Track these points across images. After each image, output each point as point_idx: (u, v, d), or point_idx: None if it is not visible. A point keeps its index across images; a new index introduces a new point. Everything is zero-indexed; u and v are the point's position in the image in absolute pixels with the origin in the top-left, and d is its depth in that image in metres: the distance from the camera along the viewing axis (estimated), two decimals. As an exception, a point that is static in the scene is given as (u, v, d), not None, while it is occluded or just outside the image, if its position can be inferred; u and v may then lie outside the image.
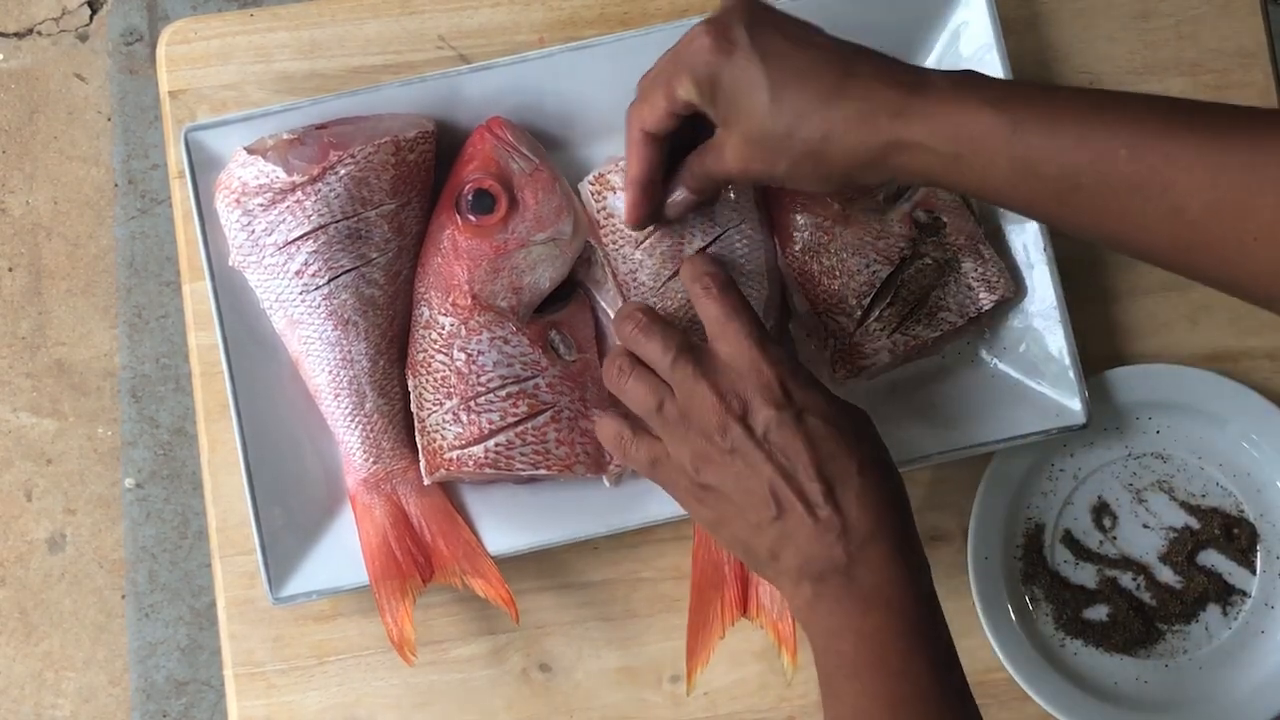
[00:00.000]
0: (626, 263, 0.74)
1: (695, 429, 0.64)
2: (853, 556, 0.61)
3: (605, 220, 0.75)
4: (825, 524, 0.61)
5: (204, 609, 1.47)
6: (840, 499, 0.62)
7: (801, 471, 0.62)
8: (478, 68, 0.75)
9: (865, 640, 0.60)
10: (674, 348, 0.66)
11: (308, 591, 0.74)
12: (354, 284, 0.73)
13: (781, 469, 0.62)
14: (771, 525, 0.62)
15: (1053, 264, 0.76)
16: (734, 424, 0.63)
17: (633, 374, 0.67)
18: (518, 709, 0.79)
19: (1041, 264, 0.76)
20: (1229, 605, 0.79)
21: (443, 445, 0.73)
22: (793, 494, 0.62)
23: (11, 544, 1.53)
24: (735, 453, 0.63)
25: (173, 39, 0.81)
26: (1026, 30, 0.82)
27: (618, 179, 0.74)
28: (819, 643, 0.62)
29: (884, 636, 0.60)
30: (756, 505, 0.63)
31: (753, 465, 0.63)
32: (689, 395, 0.65)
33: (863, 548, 0.61)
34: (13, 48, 1.61)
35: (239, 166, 0.73)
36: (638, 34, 0.76)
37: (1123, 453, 0.80)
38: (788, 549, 0.62)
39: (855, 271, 0.74)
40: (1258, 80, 0.83)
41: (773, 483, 0.62)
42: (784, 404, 0.63)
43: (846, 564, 0.61)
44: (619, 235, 0.74)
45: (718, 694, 0.79)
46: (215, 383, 0.78)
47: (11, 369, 1.55)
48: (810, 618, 0.62)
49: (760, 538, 0.63)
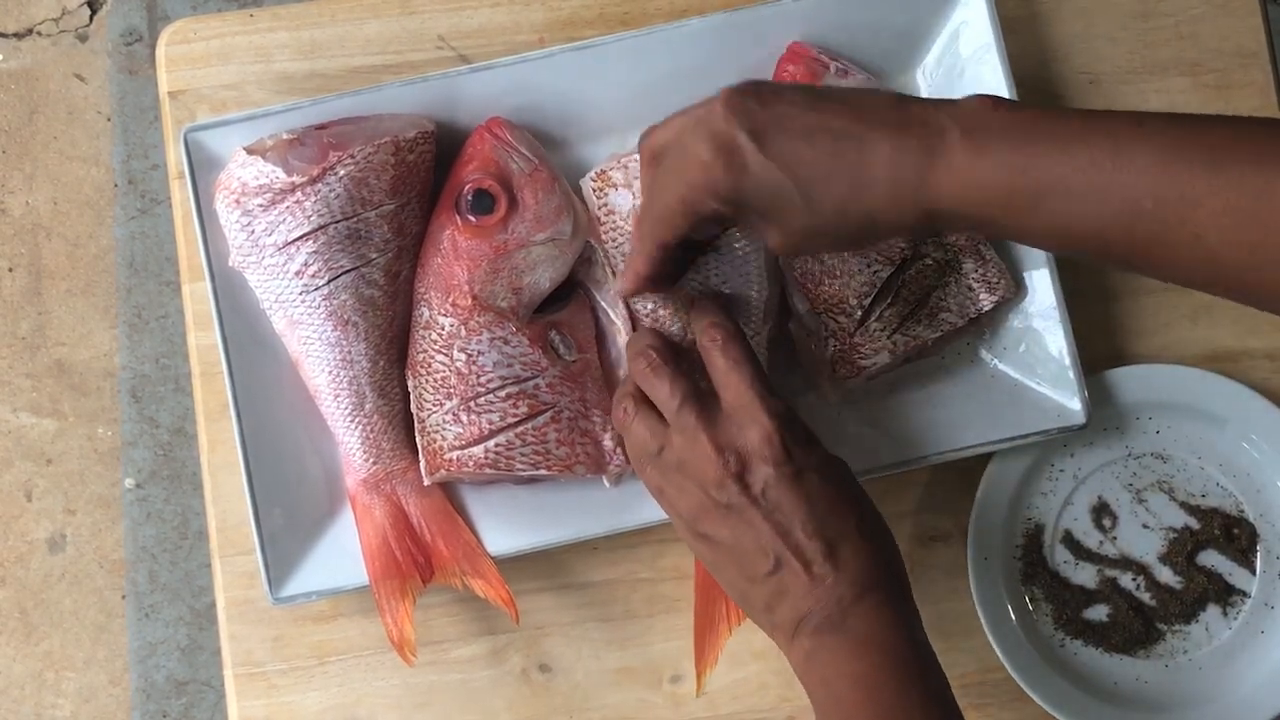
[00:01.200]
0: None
1: (693, 479, 0.65)
2: (846, 610, 0.62)
3: (606, 217, 0.75)
4: (820, 581, 0.62)
5: (204, 609, 1.47)
6: (837, 556, 0.62)
7: (799, 529, 0.62)
8: (478, 68, 0.75)
9: (859, 683, 0.61)
10: (679, 394, 0.66)
11: (308, 592, 0.74)
12: (354, 284, 0.73)
13: (778, 526, 0.63)
14: (767, 580, 0.63)
15: (1053, 264, 0.76)
16: (731, 481, 0.63)
17: (637, 416, 0.68)
18: (518, 709, 0.79)
19: (1041, 264, 0.76)
20: (1229, 605, 0.79)
21: (443, 446, 0.73)
22: (789, 551, 0.62)
23: (11, 544, 1.53)
24: (731, 509, 0.63)
25: (172, 39, 0.81)
26: (1026, 30, 0.82)
27: (619, 175, 0.74)
28: (817, 692, 0.62)
29: (877, 677, 0.61)
30: (752, 560, 0.63)
31: (749, 522, 0.63)
32: (689, 445, 0.65)
33: (856, 602, 0.62)
34: (13, 48, 1.61)
35: (239, 167, 0.73)
36: (638, 34, 0.76)
37: (1123, 453, 0.80)
38: (783, 604, 0.63)
39: (856, 272, 0.74)
40: (1257, 80, 0.83)
41: (769, 540, 0.63)
42: (782, 461, 0.63)
43: (840, 617, 0.62)
44: (619, 233, 0.74)
45: (718, 694, 0.79)
46: (215, 383, 0.78)
47: (11, 369, 1.55)
48: (807, 669, 0.63)
49: (756, 590, 0.64)
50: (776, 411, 0.65)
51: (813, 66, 0.75)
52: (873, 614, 0.62)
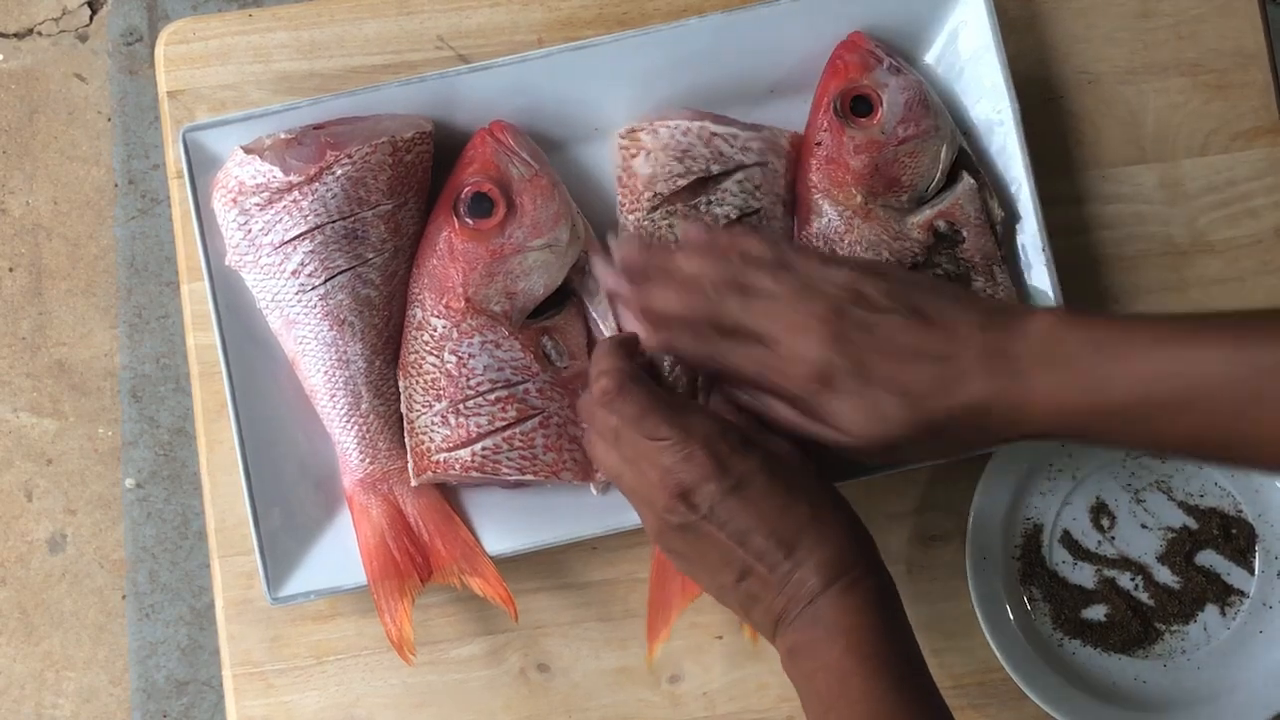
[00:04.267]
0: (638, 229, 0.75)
1: (645, 504, 0.65)
2: (815, 600, 0.62)
3: (627, 179, 0.75)
4: (786, 579, 0.62)
5: (204, 609, 1.47)
6: (798, 551, 0.62)
7: (755, 535, 0.62)
8: (476, 68, 0.75)
9: (832, 673, 0.61)
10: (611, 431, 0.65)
11: (306, 592, 0.74)
12: (350, 284, 0.73)
13: (735, 536, 0.63)
14: (736, 588, 0.63)
15: (1052, 264, 0.75)
16: (678, 504, 0.63)
17: (597, 442, 0.67)
18: (516, 709, 0.79)
19: (1041, 264, 0.76)
20: (1227, 605, 0.79)
21: (430, 447, 0.73)
22: (751, 558, 0.63)
23: (12, 544, 1.53)
24: (687, 528, 0.63)
25: (172, 39, 0.81)
26: (1026, 30, 0.82)
27: (649, 139, 0.75)
28: (802, 687, 0.63)
29: (846, 664, 0.61)
30: (717, 573, 0.64)
31: (707, 537, 0.63)
32: (637, 474, 0.64)
33: (825, 589, 0.62)
34: (13, 48, 1.61)
35: (236, 166, 0.73)
36: (636, 34, 0.75)
37: (1121, 453, 0.80)
38: (756, 608, 0.63)
39: None
40: (1257, 80, 0.83)
41: (729, 553, 0.63)
42: (720, 476, 0.63)
43: (812, 609, 0.62)
44: (632, 195, 0.75)
45: (716, 694, 0.79)
46: (214, 383, 0.78)
47: (12, 369, 1.56)
48: (790, 666, 0.63)
49: (728, 598, 0.64)
50: (704, 426, 0.64)
51: (865, 59, 0.75)
52: (839, 599, 0.62)
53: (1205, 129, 0.82)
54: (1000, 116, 0.76)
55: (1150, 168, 0.82)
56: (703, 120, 0.75)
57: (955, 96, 0.78)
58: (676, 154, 0.74)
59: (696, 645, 0.79)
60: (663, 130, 0.74)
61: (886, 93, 0.74)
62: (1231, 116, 0.83)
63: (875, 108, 0.74)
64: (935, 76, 0.78)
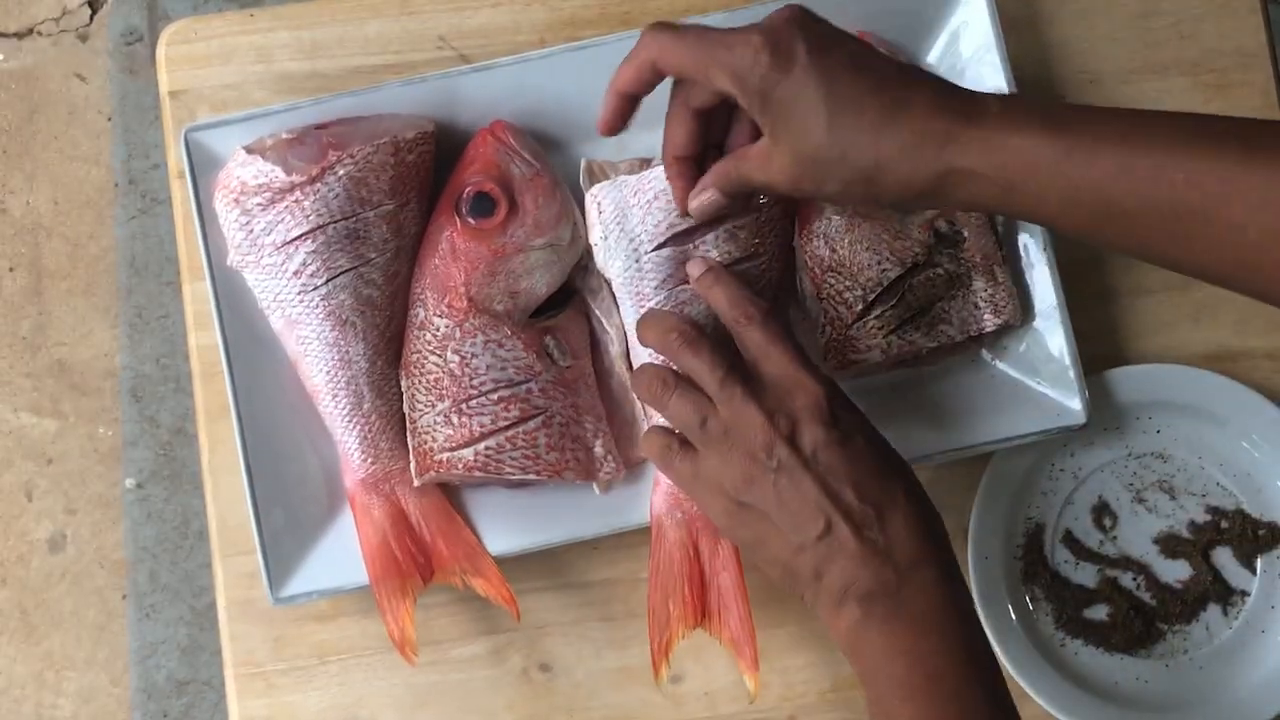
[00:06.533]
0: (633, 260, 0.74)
1: (740, 448, 0.64)
2: (902, 579, 0.61)
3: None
4: (872, 546, 0.62)
5: (204, 609, 1.47)
6: (888, 522, 0.62)
7: (850, 492, 0.62)
8: (478, 68, 0.75)
9: (920, 663, 0.60)
10: (723, 364, 0.66)
11: (308, 592, 0.74)
12: (352, 284, 0.73)
13: (828, 489, 0.62)
14: (816, 545, 0.62)
15: (1053, 264, 0.76)
16: (781, 443, 0.63)
17: (677, 389, 0.67)
18: (518, 709, 0.79)
19: (1041, 264, 0.76)
20: (1229, 605, 0.79)
21: (433, 447, 0.73)
22: (839, 514, 0.62)
23: (12, 544, 1.53)
24: (781, 470, 0.63)
25: (173, 39, 0.81)
26: (1026, 30, 0.82)
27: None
28: (868, 663, 0.62)
29: (938, 660, 0.61)
30: (801, 525, 0.63)
31: (798, 484, 0.63)
32: (736, 414, 0.64)
33: (911, 572, 0.61)
34: (13, 48, 1.61)
35: (238, 166, 0.73)
36: (638, 34, 0.75)
37: (1123, 452, 0.80)
38: (832, 569, 0.62)
39: (865, 266, 0.74)
40: (1258, 80, 0.83)
41: (819, 502, 0.62)
42: (831, 424, 0.63)
43: (897, 586, 0.61)
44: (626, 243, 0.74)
45: (718, 694, 0.79)
46: (215, 383, 0.78)
47: (12, 369, 1.55)
48: (857, 640, 0.62)
49: (802, 557, 0.63)
50: (822, 378, 0.65)
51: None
52: (930, 590, 0.61)
53: (1206, 129, 0.82)
54: (1002, 116, 0.76)
55: (1151, 167, 0.82)
56: None
57: (957, 96, 0.78)
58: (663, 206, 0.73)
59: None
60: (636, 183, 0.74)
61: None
62: (1233, 116, 0.83)
63: None
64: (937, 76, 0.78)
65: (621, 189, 0.73)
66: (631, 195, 0.73)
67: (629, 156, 0.76)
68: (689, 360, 0.67)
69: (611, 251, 0.74)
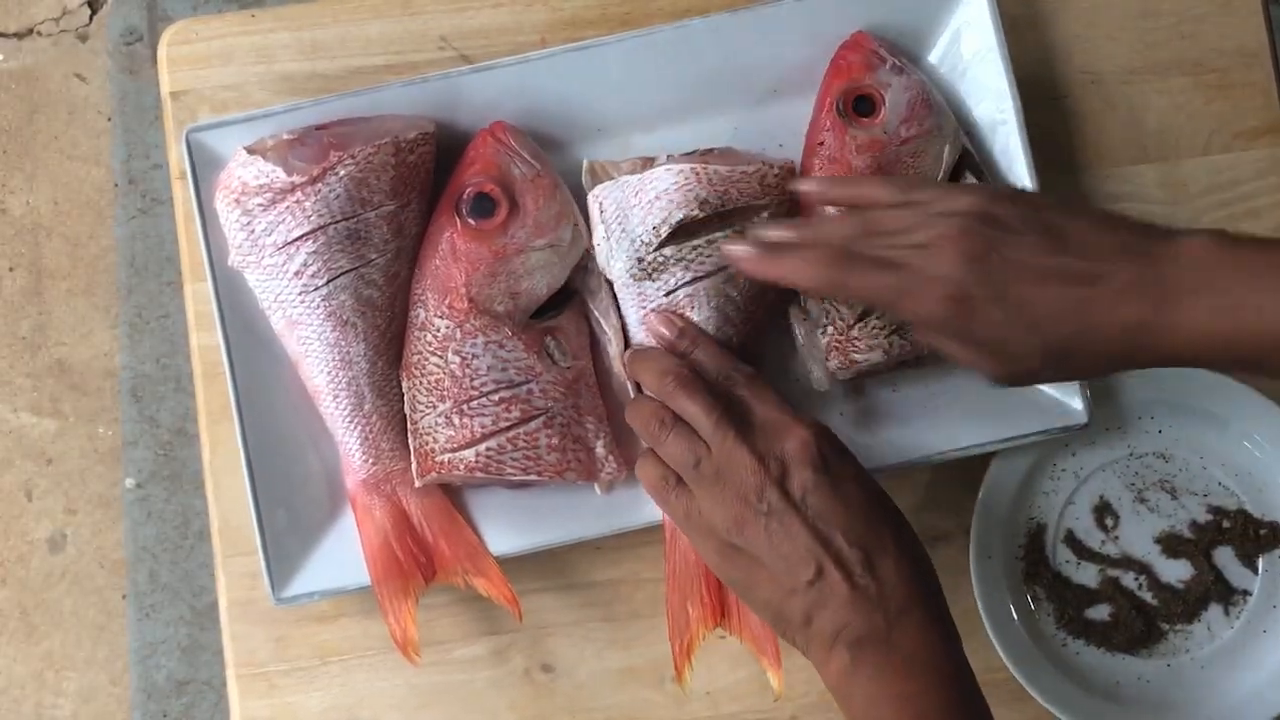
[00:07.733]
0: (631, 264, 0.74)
1: (732, 490, 0.64)
2: (891, 624, 0.61)
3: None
4: (863, 591, 0.62)
5: (204, 609, 1.47)
6: (877, 567, 0.62)
7: (840, 536, 0.62)
8: (479, 68, 0.75)
9: (907, 705, 0.61)
10: (717, 410, 0.66)
11: (310, 592, 0.74)
12: (353, 285, 0.73)
13: (819, 533, 0.62)
14: (807, 591, 0.63)
15: (1054, 264, 0.76)
16: (771, 487, 0.63)
17: (674, 430, 0.67)
18: (520, 709, 0.79)
19: (1043, 264, 0.76)
20: (1231, 605, 0.79)
21: (434, 448, 0.73)
22: (830, 559, 0.62)
23: (12, 544, 1.53)
24: (772, 514, 0.63)
25: (174, 40, 0.81)
26: (1027, 30, 0.82)
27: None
28: (858, 708, 0.62)
29: (925, 701, 0.61)
30: (792, 569, 0.63)
31: (789, 528, 0.63)
32: (728, 456, 0.65)
33: (900, 616, 0.62)
34: (13, 48, 1.61)
35: (239, 166, 0.73)
36: (639, 34, 0.76)
37: (1125, 452, 0.80)
38: (823, 614, 0.62)
39: None
40: (1258, 80, 0.83)
41: (810, 547, 0.62)
42: (821, 467, 0.63)
43: (886, 632, 0.61)
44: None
45: (719, 694, 0.79)
46: (217, 384, 0.78)
47: (12, 369, 1.55)
48: (847, 684, 0.62)
49: (793, 602, 0.63)
50: (812, 421, 0.65)
51: (868, 59, 0.75)
52: (918, 633, 0.62)
53: (1207, 128, 0.82)
54: (1003, 116, 0.76)
55: (1152, 167, 0.82)
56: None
57: (958, 96, 0.78)
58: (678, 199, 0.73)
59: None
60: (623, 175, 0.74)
61: (889, 92, 0.74)
62: (1233, 116, 0.83)
63: (878, 107, 0.74)
64: (938, 77, 0.78)
65: (623, 189, 0.73)
66: (633, 195, 0.73)
67: (631, 156, 0.76)
68: (683, 403, 0.68)
69: (613, 252, 0.74)
